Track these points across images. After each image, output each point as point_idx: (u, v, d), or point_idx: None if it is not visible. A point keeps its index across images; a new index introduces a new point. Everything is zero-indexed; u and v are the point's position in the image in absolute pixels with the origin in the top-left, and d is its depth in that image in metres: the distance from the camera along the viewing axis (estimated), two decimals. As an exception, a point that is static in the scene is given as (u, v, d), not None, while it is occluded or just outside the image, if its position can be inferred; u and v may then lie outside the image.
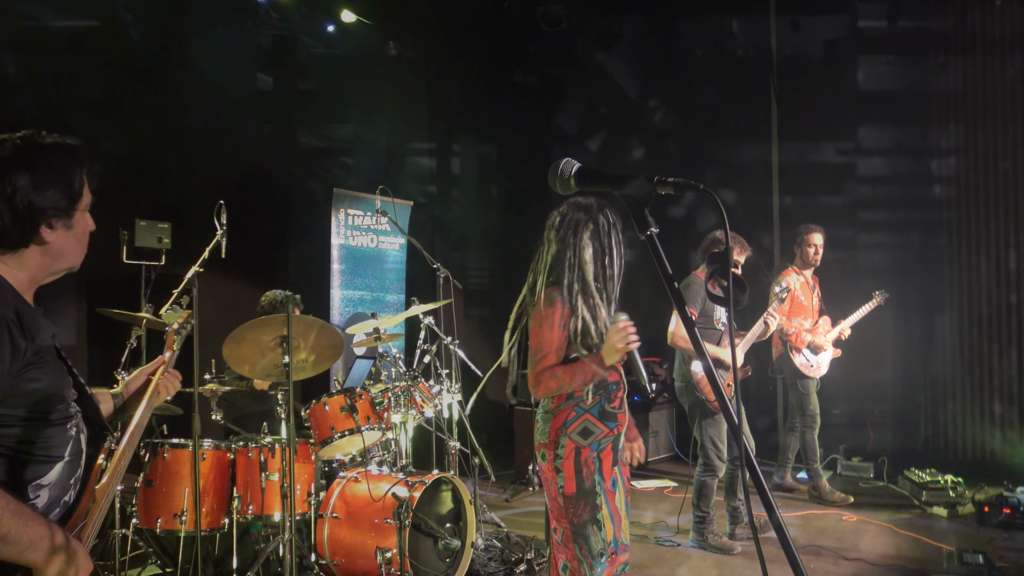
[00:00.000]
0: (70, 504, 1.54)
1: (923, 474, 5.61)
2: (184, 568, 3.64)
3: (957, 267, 6.56)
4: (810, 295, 5.62)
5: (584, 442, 2.44)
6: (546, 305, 2.44)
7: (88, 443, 1.60)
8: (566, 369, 2.42)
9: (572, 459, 2.43)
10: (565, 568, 2.45)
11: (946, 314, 6.60)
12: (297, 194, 6.42)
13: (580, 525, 2.41)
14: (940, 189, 6.64)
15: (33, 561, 1.38)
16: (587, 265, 2.46)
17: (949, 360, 6.59)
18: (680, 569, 4.28)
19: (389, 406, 4.04)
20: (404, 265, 6.92)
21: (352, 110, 6.94)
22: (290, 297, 3.63)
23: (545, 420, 2.52)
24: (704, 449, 4.48)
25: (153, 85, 5.28)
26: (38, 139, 1.55)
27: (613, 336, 2.41)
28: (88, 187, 1.60)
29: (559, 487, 2.44)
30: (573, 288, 2.45)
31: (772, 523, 1.27)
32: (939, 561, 4.19)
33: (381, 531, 3.65)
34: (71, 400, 1.55)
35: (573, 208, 2.53)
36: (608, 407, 2.50)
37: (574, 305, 2.44)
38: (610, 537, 2.43)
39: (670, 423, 7.28)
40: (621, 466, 2.56)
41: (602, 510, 2.42)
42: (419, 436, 4.88)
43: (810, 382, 5.55)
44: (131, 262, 4.78)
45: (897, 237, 6.92)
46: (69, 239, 1.57)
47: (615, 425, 2.51)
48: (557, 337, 2.43)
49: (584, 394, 2.47)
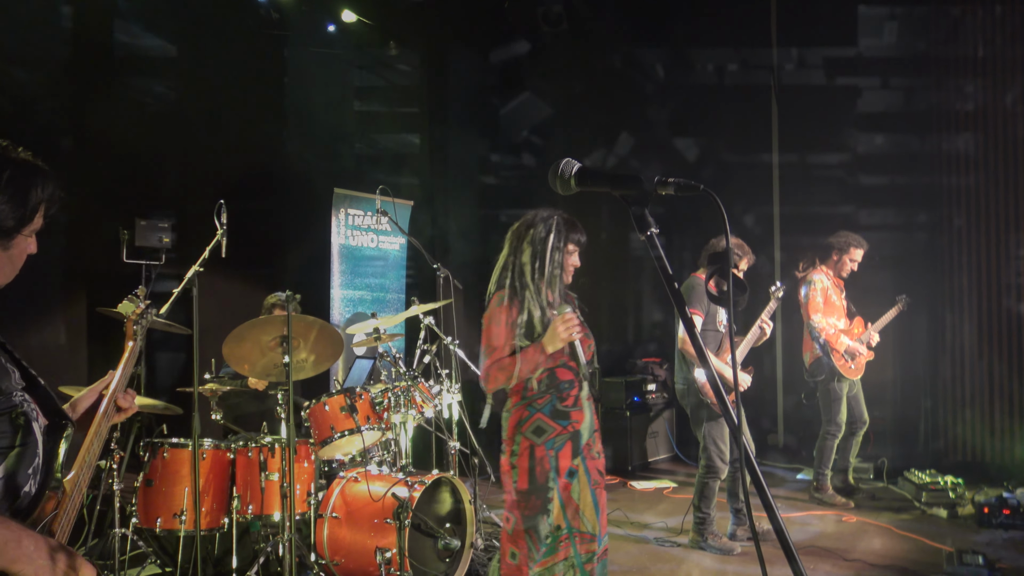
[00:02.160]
0: (31, 495, 1.53)
1: (923, 475, 5.60)
2: (184, 568, 3.64)
3: (957, 268, 6.56)
4: (840, 296, 5.58)
5: (538, 440, 2.62)
6: (494, 305, 2.68)
7: (46, 432, 1.58)
8: (511, 360, 2.61)
9: (526, 456, 2.62)
10: (513, 555, 2.63)
11: (946, 316, 6.60)
12: (297, 194, 6.42)
13: (529, 518, 2.59)
14: (937, 198, 6.66)
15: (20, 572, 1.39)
16: (525, 266, 2.69)
17: (949, 362, 6.59)
18: (680, 569, 4.28)
19: (389, 406, 4.03)
20: (404, 265, 6.92)
21: (352, 110, 6.94)
22: (291, 297, 3.63)
23: (505, 419, 2.73)
24: (707, 451, 4.48)
25: (153, 85, 5.28)
26: (9, 152, 1.53)
27: (559, 325, 2.60)
28: (43, 213, 1.57)
29: (513, 481, 2.63)
30: (515, 287, 2.68)
31: (771, 524, 1.27)
32: (939, 562, 4.19)
33: (381, 531, 3.65)
34: (15, 390, 1.53)
35: (521, 220, 2.80)
36: (560, 406, 2.66)
37: (517, 303, 2.66)
38: (560, 523, 2.59)
39: (670, 424, 7.28)
40: (589, 460, 2.68)
41: (553, 501, 2.58)
42: (419, 436, 4.88)
43: (843, 385, 5.50)
44: (131, 261, 4.78)
45: (897, 239, 6.93)
46: (2, 260, 1.54)
47: (568, 423, 2.66)
48: (504, 333, 2.64)
49: (533, 386, 2.65)
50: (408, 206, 6.80)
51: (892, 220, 7.03)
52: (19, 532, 1.42)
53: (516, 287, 2.68)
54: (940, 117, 6.61)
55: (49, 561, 1.43)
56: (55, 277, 4.87)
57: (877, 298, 5.90)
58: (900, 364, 6.81)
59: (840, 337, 5.45)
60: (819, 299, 5.45)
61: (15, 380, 1.55)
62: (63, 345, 4.87)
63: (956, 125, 6.55)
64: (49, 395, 1.63)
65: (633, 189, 1.44)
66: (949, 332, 6.57)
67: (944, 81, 6.58)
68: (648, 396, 7.02)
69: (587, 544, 2.61)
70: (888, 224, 7.01)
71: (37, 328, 4.77)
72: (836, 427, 5.51)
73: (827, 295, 5.49)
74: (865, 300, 5.79)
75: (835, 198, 7.15)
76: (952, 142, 6.57)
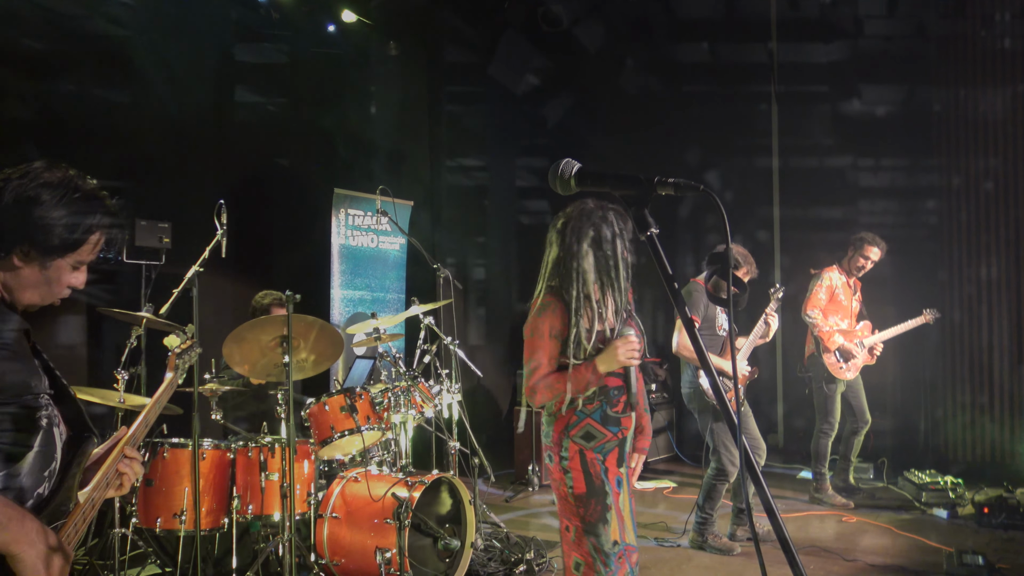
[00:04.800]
0: (44, 496, 1.54)
1: (923, 475, 5.60)
2: (184, 568, 3.64)
3: (957, 269, 6.56)
4: (850, 296, 5.55)
5: (588, 445, 2.46)
6: (539, 313, 2.45)
7: (68, 443, 1.60)
8: (559, 377, 2.42)
9: (578, 459, 2.45)
10: (578, 566, 2.45)
11: (946, 316, 6.59)
12: (297, 194, 6.42)
13: (592, 524, 2.41)
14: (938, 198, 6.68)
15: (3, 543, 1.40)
16: (588, 274, 2.43)
17: (948, 362, 6.59)
18: (680, 569, 4.28)
19: (389, 406, 4.03)
20: (404, 265, 6.92)
21: (352, 110, 6.93)
22: (291, 297, 3.63)
23: (549, 423, 2.53)
24: (717, 454, 4.46)
25: (153, 85, 5.28)
26: (79, 181, 1.57)
27: (620, 347, 2.40)
28: (95, 246, 1.59)
29: (569, 487, 2.45)
30: (570, 294, 2.42)
31: (772, 524, 1.27)
32: (939, 562, 4.19)
33: (381, 531, 3.65)
34: (42, 392, 1.55)
35: (577, 213, 2.47)
36: (610, 412, 2.49)
37: (570, 315, 2.42)
38: (616, 537, 2.43)
39: (670, 424, 7.28)
40: (627, 469, 2.57)
41: (611, 509, 2.43)
42: (419, 436, 4.88)
43: (835, 385, 5.50)
44: (131, 261, 4.78)
45: (897, 240, 6.93)
46: (36, 277, 1.56)
47: (618, 429, 2.51)
48: (548, 346, 2.43)
49: (581, 400, 2.46)
50: (408, 206, 6.80)
51: (892, 219, 7.03)
52: (23, 513, 1.44)
53: (574, 295, 2.41)
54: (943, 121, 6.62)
55: (47, 549, 1.45)
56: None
57: (876, 299, 5.90)
58: (901, 365, 6.81)
59: (834, 336, 5.44)
60: (822, 295, 5.44)
61: (44, 385, 1.57)
62: (63, 345, 4.87)
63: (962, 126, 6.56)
64: (78, 407, 1.65)
65: (633, 189, 1.44)
66: (949, 332, 6.57)
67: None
68: (648, 396, 7.03)
69: (631, 556, 2.49)
70: (888, 223, 7.01)
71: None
72: (829, 426, 5.52)
73: (833, 293, 5.46)
74: (864, 301, 5.77)
75: (836, 199, 7.15)
76: (953, 143, 6.58)
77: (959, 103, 6.53)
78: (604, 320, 2.48)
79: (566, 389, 2.41)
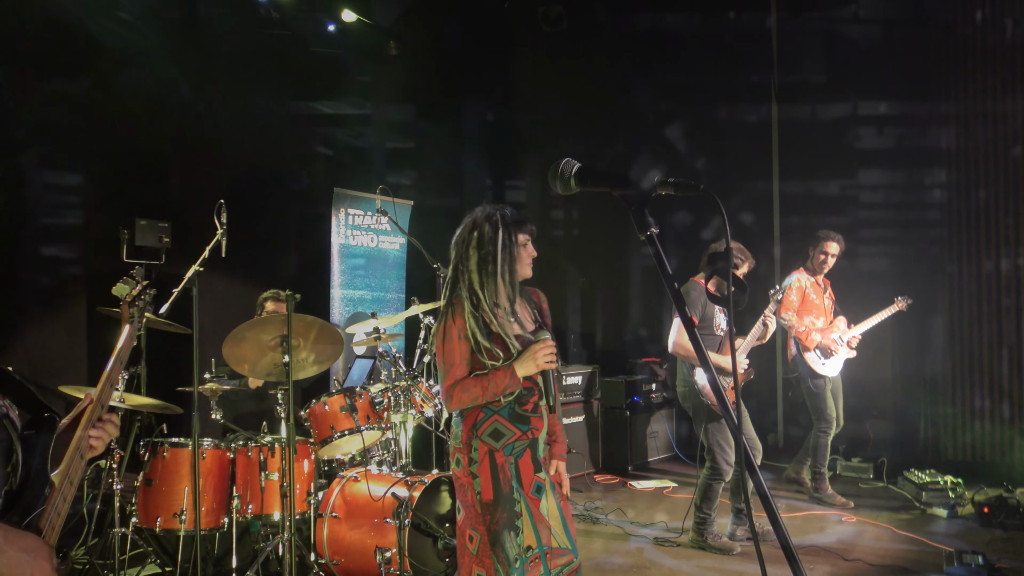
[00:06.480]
0: (13, 491, 1.52)
1: (923, 475, 5.60)
2: (183, 567, 3.64)
3: (957, 270, 6.56)
4: (821, 295, 5.58)
5: (496, 444, 2.43)
6: (443, 318, 2.50)
7: (27, 426, 1.57)
8: (476, 381, 2.42)
9: (487, 463, 2.43)
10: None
11: (945, 316, 6.60)
12: (297, 194, 6.42)
13: (496, 532, 2.38)
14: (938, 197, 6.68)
15: None
16: (473, 274, 2.49)
17: (948, 362, 6.59)
18: (680, 569, 4.28)
19: (389, 406, 4.04)
20: (404, 265, 6.92)
21: (352, 110, 6.93)
22: (290, 296, 3.62)
23: (457, 423, 2.53)
24: (711, 453, 4.46)
25: (153, 85, 5.28)
26: None
27: (538, 352, 2.43)
28: None
29: (476, 493, 2.42)
30: (461, 298, 2.49)
31: (772, 524, 1.27)
32: (939, 562, 4.19)
33: (381, 530, 3.65)
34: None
35: (463, 225, 2.57)
36: (519, 409, 2.48)
37: (469, 315, 2.46)
38: (531, 542, 2.39)
39: (670, 423, 7.28)
40: (548, 475, 2.52)
41: (521, 516, 2.40)
42: (419, 436, 4.88)
43: (822, 382, 5.52)
44: (131, 261, 4.78)
45: (896, 241, 6.94)
46: None
47: (528, 428, 2.48)
48: (458, 347, 2.46)
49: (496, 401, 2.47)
50: (408, 206, 6.80)
51: (892, 219, 7.03)
52: None
53: (465, 295, 2.48)
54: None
55: (17, 552, 1.41)
56: (55, 277, 4.88)
57: (877, 298, 5.90)
58: (900, 363, 6.81)
59: (811, 335, 5.47)
60: (793, 297, 5.48)
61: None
62: (63, 345, 4.87)
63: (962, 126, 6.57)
64: (27, 391, 1.62)
65: (633, 189, 1.44)
66: (949, 332, 6.57)
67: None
68: (648, 396, 7.03)
69: (558, 558, 2.44)
70: (888, 223, 7.02)
71: (37, 328, 4.77)
72: (826, 423, 5.53)
73: (804, 294, 5.51)
74: (864, 301, 5.78)
75: (837, 201, 7.16)
76: (953, 144, 6.58)
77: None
78: (498, 313, 2.49)
79: (484, 393, 2.41)
